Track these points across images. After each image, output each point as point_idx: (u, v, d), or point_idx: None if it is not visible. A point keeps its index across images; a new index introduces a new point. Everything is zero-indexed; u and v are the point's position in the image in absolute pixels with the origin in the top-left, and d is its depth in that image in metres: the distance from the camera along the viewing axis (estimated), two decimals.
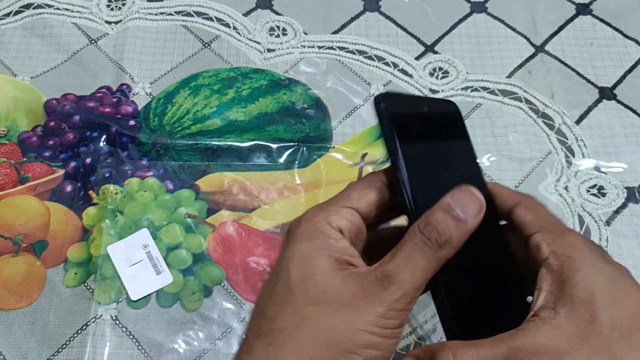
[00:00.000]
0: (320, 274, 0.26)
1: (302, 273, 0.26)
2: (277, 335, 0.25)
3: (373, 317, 0.25)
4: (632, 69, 0.60)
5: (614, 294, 0.27)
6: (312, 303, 0.25)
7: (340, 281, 0.26)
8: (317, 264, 0.26)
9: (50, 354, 0.44)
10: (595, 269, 0.27)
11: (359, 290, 0.25)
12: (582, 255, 0.28)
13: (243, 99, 0.56)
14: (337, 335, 0.25)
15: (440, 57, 0.60)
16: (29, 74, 0.58)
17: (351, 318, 0.25)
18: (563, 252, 0.28)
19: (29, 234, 0.49)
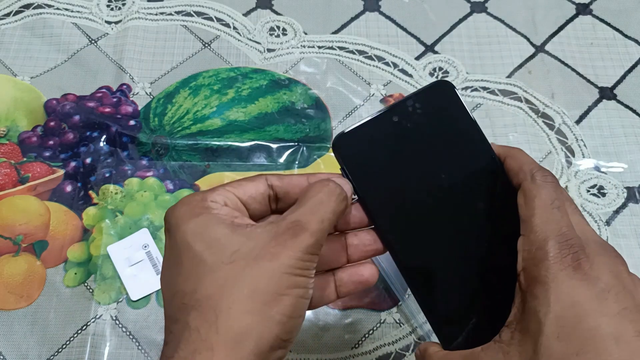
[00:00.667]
0: (223, 237, 0.27)
1: (206, 242, 0.27)
2: (207, 303, 0.26)
3: (293, 260, 0.26)
4: (632, 68, 0.60)
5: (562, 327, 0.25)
6: (228, 262, 0.26)
7: (247, 239, 0.27)
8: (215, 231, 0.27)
9: (50, 354, 0.44)
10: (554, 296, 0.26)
11: (273, 240, 0.27)
12: (545, 278, 0.26)
13: (243, 99, 0.56)
14: (264, 284, 0.26)
15: (440, 57, 0.60)
16: (29, 74, 0.58)
17: (272, 265, 0.26)
18: (530, 270, 0.27)
19: (29, 234, 0.49)
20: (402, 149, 0.31)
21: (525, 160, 0.30)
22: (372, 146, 0.31)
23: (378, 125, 0.31)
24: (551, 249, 0.27)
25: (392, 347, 0.45)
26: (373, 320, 0.46)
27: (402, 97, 0.52)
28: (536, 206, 0.28)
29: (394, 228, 0.31)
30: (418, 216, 0.31)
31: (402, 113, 0.31)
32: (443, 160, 0.31)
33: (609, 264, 0.27)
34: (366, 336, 0.46)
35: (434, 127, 0.31)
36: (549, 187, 0.28)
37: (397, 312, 0.47)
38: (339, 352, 0.45)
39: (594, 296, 0.25)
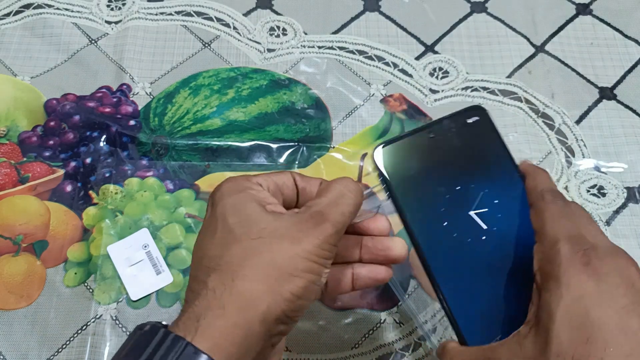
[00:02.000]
0: (255, 215, 0.30)
1: (239, 217, 0.30)
2: (227, 268, 0.28)
3: (311, 247, 0.29)
4: (632, 69, 0.60)
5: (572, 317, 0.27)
6: (255, 237, 0.29)
7: (275, 220, 0.30)
8: (249, 208, 0.30)
9: (51, 354, 0.44)
10: (565, 289, 0.27)
11: (296, 225, 0.30)
12: (557, 273, 0.28)
13: (243, 99, 0.56)
14: (282, 262, 0.28)
15: (440, 57, 0.60)
16: (29, 74, 0.58)
17: (292, 247, 0.29)
18: (544, 268, 0.29)
19: (29, 234, 0.49)
20: (435, 162, 0.35)
21: (541, 181, 0.33)
22: (409, 158, 0.35)
23: (415, 139, 0.35)
24: (562, 248, 0.29)
25: (392, 347, 0.45)
26: (373, 320, 0.46)
27: (403, 96, 0.53)
28: (546, 217, 0.31)
29: (423, 232, 0.33)
30: (447, 223, 0.34)
31: (438, 131, 0.35)
32: (473, 175, 0.35)
33: (619, 263, 0.29)
34: (366, 336, 0.46)
35: (466, 144, 0.35)
36: (558, 203, 0.31)
37: (397, 312, 0.47)
38: (339, 352, 0.45)
39: (603, 290, 0.27)
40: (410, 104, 0.57)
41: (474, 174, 0.35)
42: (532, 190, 0.33)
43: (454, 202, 0.34)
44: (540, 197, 0.32)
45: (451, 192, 0.34)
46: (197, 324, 0.27)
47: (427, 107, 0.57)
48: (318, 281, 0.30)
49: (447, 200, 0.34)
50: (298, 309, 0.29)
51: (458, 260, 0.33)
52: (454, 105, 0.57)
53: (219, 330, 0.27)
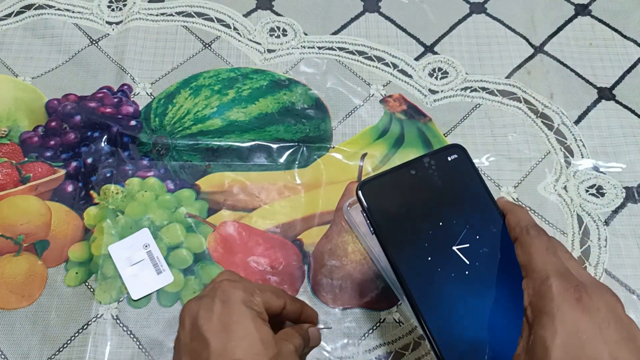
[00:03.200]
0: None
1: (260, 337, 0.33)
2: None
3: None
4: (631, 69, 0.60)
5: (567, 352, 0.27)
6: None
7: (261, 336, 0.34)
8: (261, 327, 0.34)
9: (52, 353, 0.44)
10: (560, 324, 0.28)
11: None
12: (551, 308, 0.29)
13: (243, 100, 0.56)
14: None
15: (439, 58, 0.61)
16: (30, 75, 0.58)
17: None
18: (536, 304, 0.30)
19: (30, 234, 0.49)
20: (418, 198, 0.36)
21: (522, 217, 0.34)
22: (391, 194, 0.36)
23: (397, 176, 0.36)
24: (554, 284, 0.29)
25: (391, 347, 0.45)
26: (373, 320, 0.46)
27: (402, 96, 0.53)
28: (533, 252, 0.32)
29: (408, 267, 0.34)
30: (430, 258, 0.35)
31: (419, 168, 0.36)
32: (453, 210, 0.35)
33: (607, 300, 0.30)
34: (366, 335, 0.46)
35: (447, 181, 0.36)
36: (543, 238, 0.32)
37: (397, 312, 0.47)
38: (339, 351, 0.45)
39: (595, 325, 0.28)
40: (410, 104, 0.57)
41: (455, 210, 0.36)
42: (515, 226, 0.34)
43: (437, 238, 0.35)
44: (525, 232, 0.33)
45: (434, 228, 0.35)
46: None
47: (426, 108, 0.57)
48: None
49: (430, 236, 0.35)
50: None
51: (442, 295, 0.34)
52: (454, 105, 0.57)
53: None
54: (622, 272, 0.49)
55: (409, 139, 0.55)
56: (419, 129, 0.56)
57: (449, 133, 0.56)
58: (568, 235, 0.50)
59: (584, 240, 0.50)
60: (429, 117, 0.56)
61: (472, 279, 0.34)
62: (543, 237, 0.33)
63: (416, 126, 0.56)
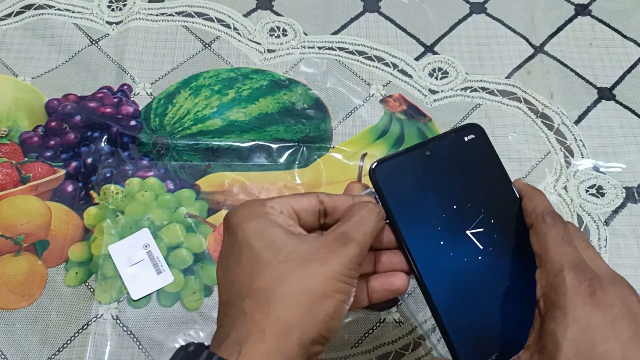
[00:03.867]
0: (280, 239, 0.30)
1: (265, 241, 0.30)
2: (261, 293, 0.29)
3: (339, 267, 0.30)
4: (631, 69, 0.60)
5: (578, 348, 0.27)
6: (283, 261, 0.30)
7: (300, 243, 0.30)
8: (273, 233, 0.31)
9: (52, 353, 0.44)
10: (570, 319, 0.28)
11: (323, 247, 0.30)
12: (563, 302, 0.28)
13: (243, 100, 0.56)
14: (313, 284, 0.29)
15: (439, 58, 0.61)
16: (30, 75, 0.58)
17: (322, 269, 0.29)
18: (549, 296, 0.29)
19: (30, 234, 0.49)
20: (432, 180, 0.34)
21: (539, 203, 0.33)
22: (405, 175, 0.34)
23: (412, 157, 0.35)
24: (567, 277, 0.29)
25: (391, 347, 0.45)
26: (373, 320, 0.46)
27: (402, 96, 0.53)
28: (548, 241, 0.31)
29: (420, 250, 0.33)
30: (443, 242, 0.34)
31: (435, 148, 0.35)
32: (469, 193, 0.34)
33: (621, 293, 0.29)
34: (366, 335, 0.46)
35: (462, 163, 0.35)
36: (559, 227, 0.32)
37: (397, 312, 0.47)
38: (339, 351, 0.45)
39: (607, 321, 0.28)
40: (410, 104, 0.57)
41: (470, 193, 0.34)
42: (531, 212, 0.33)
43: (450, 221, 0.34)
44: (540, 220, 0.32)
45: (448, 211, 0.34)
46: (239, 347, 0.28)
47: (426, 108, 0.57)
48: (348, 300, 0.31)
49: (443, 219, 0.34)
50: (332, 329, 0.30)
51: (454, 279, 0.33)
52: (454, 105, 0.57)
53: (260, 354, 0.28)
54: (622, 272, 0.48)
55: (409, 139, 0.55)
56: (419, 129, 0.56)
57: None
58: None
59: None
60: (429, 117, 0.56)
61: (485, 264, 0.33)
62: (559, 226, 0.32)
63: (416, 126, 0.56)
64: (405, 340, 0.46)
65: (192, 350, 0.29)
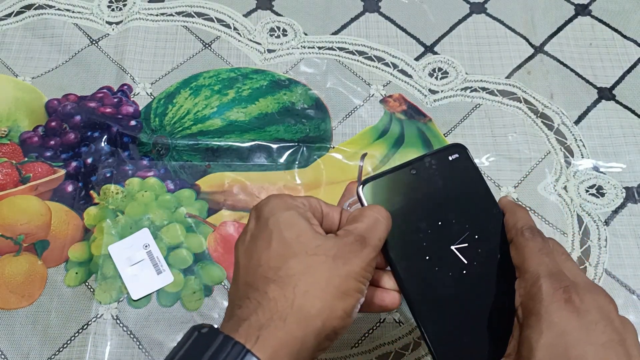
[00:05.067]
0: (308, 232, 0.32)
1: (295, 232, 0.31)
2: (288, 280, 0.30)
3: (359, 268, 0.31)
4: (631, 69, 0.60)
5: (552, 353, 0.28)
6: (312, 253, 0.30)
7: (326, 239, 0.32)
8: (302, 225, 0.32)
9: (52, 353, 0.44)
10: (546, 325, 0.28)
11: (346, 247, 0.31)
12: (539, 309, 0.29)
13: (243, 100, 0.56)
14: (337, 280, 0.30)
15: (439, 58, 0.61)
16: (30, 75, 0.58)
17: (346, 268, 0.30)
18: (526, 304, 0.30)
19: (30, 234, 0.49)
20: (418, 197, 0.36)
21: (520, 218, 0.34)
22: (392, 194, 0.36)
23: (398, 175, 0.36)
24: (544, 285, 0.30)
25: (391, 347, 0.45)
26: (373, 320, 0.46)
27: (402, 96, 0.53)
28: (526, 253, 0.32)
29: (406, 265, 0.35)
30: (428, 257, 0.35)
31: (420, 167, 0.37)
32: (453, 210, 0.36)
33: (599, 301, 0.30)
34: (366, 335, 0.46)
35: (447, 181, 0.36)
36: (537, 240, 0.33)
37: (397, 312, 0.47)
38: (339, 351, 0.45)
39: (582, 326, 0.28)
40: (410, 104, 0.57)
41: (455, 210, 0.36)
42: (511, 227, 0.34)
43: (435, 237, 0.35)
44: (519, 234, 0.33)
45: (433, 227, 0.35)
46: (259, 332, 0.28)
47: (426, 108, 0.57)
48: (361, 300, 0.31)
49: (429, 235, 0.35)
50: (345, 325, 0.31)
51: (439, 293, 0.34)
52: (454, 105, 0.57)
53: (279, 341, 0.28)
54: (622, 272, 0.49)
55: (409, 139, 0.55)
56: (419, 129, 0.56)
57: (449, 133, 0.56)
58: (568, 236, 0.50)
59: (584, 240, 0.50)
60: (429, 117, 0.56)
61: (469, 278, 0.34)
62: (537, 239, 0.33)
63: (416, 126, 0.56)
64: (405, 340, 0.46)
65: (206, 332, 0.29)
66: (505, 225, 0.35)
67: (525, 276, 0.31)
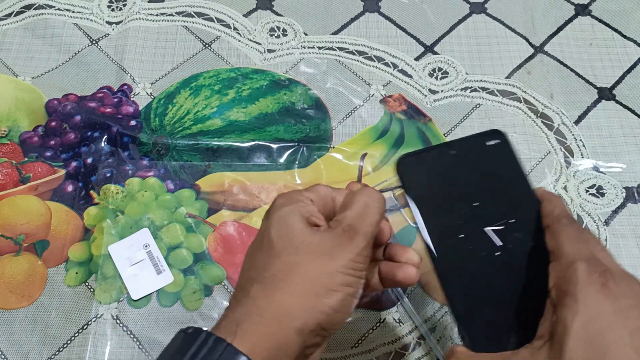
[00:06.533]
0: (296, 231, 0.32)
1: (282, 232, 0.32)
2: (270, 281, 0.31)
3: (346, 261, 0.31)
4: (631, 69, 0.60)
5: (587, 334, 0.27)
6: (294, 252, 0.31)
7: (313, 235, 0.32)
8: (292, 223, 0.32)
9: (52, 353, 0.44)
10: (582, 306, 0.28)
11: (331, 241, 0.31)
12: (574, 291, 0.29)
13: (243, 100, 0.56)
14: (320, 278, 0.30)
15: (439, 58, 0.61)
16: (30, 75, 0.58)
17: (329, 263, 0.31)
18: (561, 286, 0.30)
19: (30, 234, 0.49)
20: (455, 177, 0.36)
21: (557, 206, 0.34)
22: (430, 170, 0.36)
23: (437, 154, 0.37)
24: (579, 268, 0.30)
25: (391, 347, 0.45)
26: (373, 320, 0.46)
27: (402, 96, 0.53)
28: (563, 239, 0.32)
29: (439, 241, 0.35)
30: (462, 236, 0.35)
31: (460, 148, 0.37)
32: (490, 194, 0.36)
33: (634, 287, 0.30)
34: (366, 335, 0.46)
35: (486, 165, 0.36)
36: (574, 227, 0.33)
37: (397, 312, 0.47)
38: (339, 351, 0.45)
39: (617, 311, 0.28)
40: (410, 104, 0.57)
41: (491, 193, 0.36)
42: (548, 214, 0.34)
43: (470, 217, 0.35)
44: (557, 220, 0.33)
45: (468, 208, 0.35)
46: (237, 327, 0.29)
47: (426, 108, 0.57)
48: (355, 293, 0.31)
49: (464, 215, 0.35)
50: (335, 322, 0.31)
51: (471, 271, 0.34)
52: (454, 105, 0.57)
53: (256, 336, 0.29)
54: None
55: (409, 139, 0.55)
56: (419, 129, 0.56)
57: (449, 133, 0.56)
58: None
59: None
60: (429, 117, 0.56)
61: (502, 260, 0.34)
62: (574, 226, 0.33)
63: (416, 126, 0.56)
64: (405, 340, 0.46)
65: (191, 332, 0.30)
66: (542, 211, 0.35)
67: (561, 260, 0.31)
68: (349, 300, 0.31)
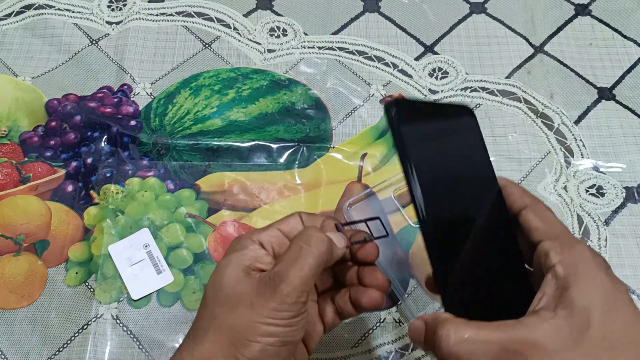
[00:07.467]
0: (227, 279, 0.32)
1: (214, 281, 0.33)
2: (197, 332, 0.32)
3: (267, 311, 0.30)
4: (631, 69, 0.60)
5: (610, 307, 0.28)
6: (219, 304, 0.32)
7: (243, 284, 0.32)
8: (227, 271, 0.32)
9: (52, 353, 0.44)
10: (598, 282, 0.29)
11: (255, 290, 0.31)
12: (587, 268, 0.29)
13: (243, 99, 0.56)
14: (239, 328, 0.31)
15: (439, 58, 0.61)
16: (30, 75, 0.58)
17: (249, 314, 0.31)
18: (570, 262, 0.30)
19: (30, 234, 0.49)
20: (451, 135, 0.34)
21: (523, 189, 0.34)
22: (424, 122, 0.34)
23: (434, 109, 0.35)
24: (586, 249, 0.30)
25: (391, 347, 0.45)
26: (373, 320, 0.46)
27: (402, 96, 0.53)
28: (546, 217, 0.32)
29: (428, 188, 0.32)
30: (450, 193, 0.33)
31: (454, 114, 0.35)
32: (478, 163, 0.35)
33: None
34: (366, 335, 0.46)
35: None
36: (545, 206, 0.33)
37: (397, 312, 0.47)
38: (339, 351, 0.45)
39: (619, 294, 0.29)
40: None
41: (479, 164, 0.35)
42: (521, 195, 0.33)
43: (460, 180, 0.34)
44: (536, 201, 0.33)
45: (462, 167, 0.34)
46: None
47: None
48: (277, 342, 0.31)
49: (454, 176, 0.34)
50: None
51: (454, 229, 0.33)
52: None
53: None
54: (622, 272, 0.49)
55: None
56: None
57: None
58: None
59: (584, 240, 0.50)
60: None
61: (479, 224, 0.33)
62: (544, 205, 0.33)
63: None
64: (405, 340, 0.46)
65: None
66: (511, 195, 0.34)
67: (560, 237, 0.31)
68: (269, 349, 0.31)
